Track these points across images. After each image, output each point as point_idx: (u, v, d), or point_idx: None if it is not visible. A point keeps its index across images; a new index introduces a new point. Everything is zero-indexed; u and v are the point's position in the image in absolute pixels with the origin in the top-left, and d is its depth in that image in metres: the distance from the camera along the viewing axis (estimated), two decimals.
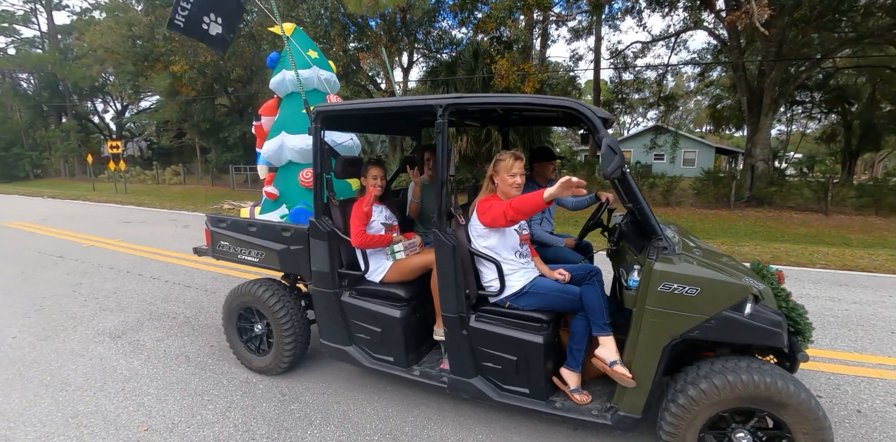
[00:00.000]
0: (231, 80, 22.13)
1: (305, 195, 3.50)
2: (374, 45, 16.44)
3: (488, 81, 13.53)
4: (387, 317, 2.53)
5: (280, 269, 2.89)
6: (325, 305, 2.70)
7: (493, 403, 2.31)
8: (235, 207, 12.90)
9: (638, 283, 1.97)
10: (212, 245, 3.19)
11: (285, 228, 2.81)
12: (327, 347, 2.79)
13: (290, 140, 3.51)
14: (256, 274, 5.52)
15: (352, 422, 2.53)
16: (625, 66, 19.33)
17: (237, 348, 3.13)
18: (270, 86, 3.73)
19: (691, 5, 13.81)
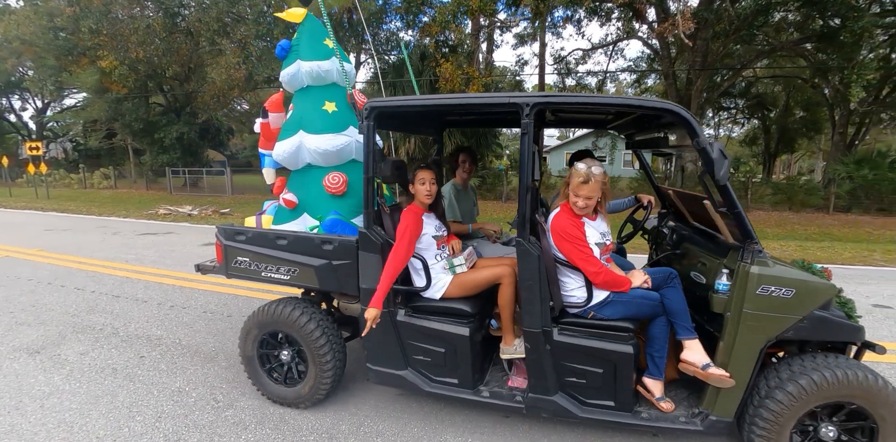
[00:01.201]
0: (167, 78, 20.96)
1: (332, 203, 3.03)
2: None
3: (434, 84, 13.69)
4: (453, 336, 2.32)
5: (318, 287, 2.56)
6: (377, 327, 2.38)
7: (577, 419, 2.23)
8: (172, 212, 12.27)
9: (728, 287, 2.00)
10: (225, 262, 2.77)
11: (326, 240, 2.49)
12: (376, 373, 2.51)
13: (310, 140, 3.00)
14: (213, 284, 5.34)
15: (288, 424, 2.55)
16: (567, 72, 20.13)
17: (259, 379, 2.75)
18: (282, 78, 3.24)
19: (624, 16, 14.63)
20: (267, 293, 4.88)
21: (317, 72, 3.06)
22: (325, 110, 3.09)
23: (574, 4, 10.68)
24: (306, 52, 3.09)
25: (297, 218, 3.06)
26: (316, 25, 3.23)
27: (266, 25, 15.03)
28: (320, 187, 3.01)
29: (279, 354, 2.71)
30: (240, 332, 2.78)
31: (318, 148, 2.99)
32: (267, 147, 3.38)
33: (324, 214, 2.92)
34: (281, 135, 3.17)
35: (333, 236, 2.51)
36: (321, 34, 3.19)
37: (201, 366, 3.26)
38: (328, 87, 3.15)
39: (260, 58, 15.11)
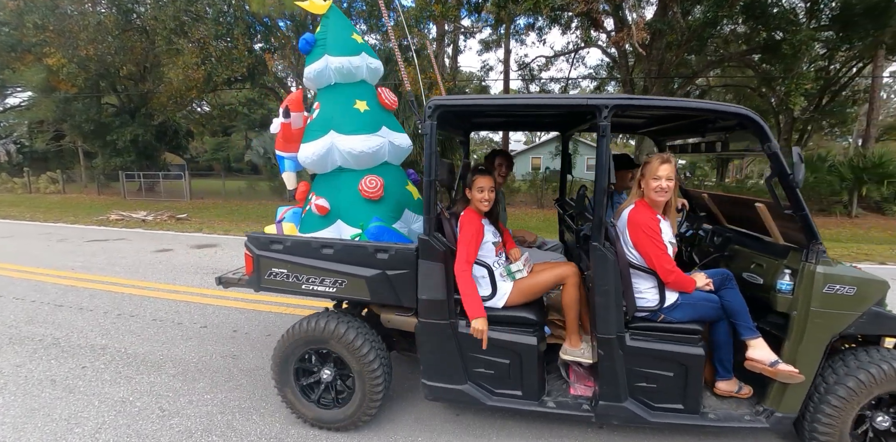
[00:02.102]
0: (120, 77, 20.10)
1: (368, 208, 2.81)
2: (282, 47, 15.92)
3: (398, 88, 13.71)
4: (520, 345, 2.24)
5: (370, 299, 2.38)
6: (437, 340, 2.30)
7: (648, 425, 2.22)
8: (125, 218, 11.77)
9: (792, 286, 2.08)
10: (256, 273, 2.52)
11: (381, 248, 2.32)
12: (433, 389, 2.37)
13: (343, 142, 2.77)
14: (164, 291, 5.16)
15: (235, 430, 2.51)
16: (531, 78, 20.57)
17: (296, 402, 2.54)
18: (306, 74, 2.96)
19: (583, 25, 15.11)
20: (221, 300, 4.78)
21: (347, 68, 2.85)
22: (357, 109, 2.88)
23: (534, 13, 10.95)
24: (335, 47, 2.86)
25: (331, 225, 2.82)
26: (342, 19, 3.03)
27: (226, 25, 14.68)
28: (355, 192, 2.80)
29: (318, 373, 2.53)
30: (274, 351, 2.55)
31: (353, 150, 2.77)
32: (287, 149, 3.14)
33: (363, 221, 2.72)
34: (307, 136, 2.93)
35: (389, 244, 2.35)
36: (348, 28, 3.00)
37: (147, 375, 3.16)
38: (358, 84, 2.94)
39: (220, 58, 14.72)
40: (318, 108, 2.96)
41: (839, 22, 13.24)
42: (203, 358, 3.42)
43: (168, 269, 6.19)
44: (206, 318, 4.27)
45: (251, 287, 2.61)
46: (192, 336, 3.83)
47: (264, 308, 4.52)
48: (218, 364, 3.32)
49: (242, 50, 14.62)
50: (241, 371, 3.21)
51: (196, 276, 5.78)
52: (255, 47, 16.04)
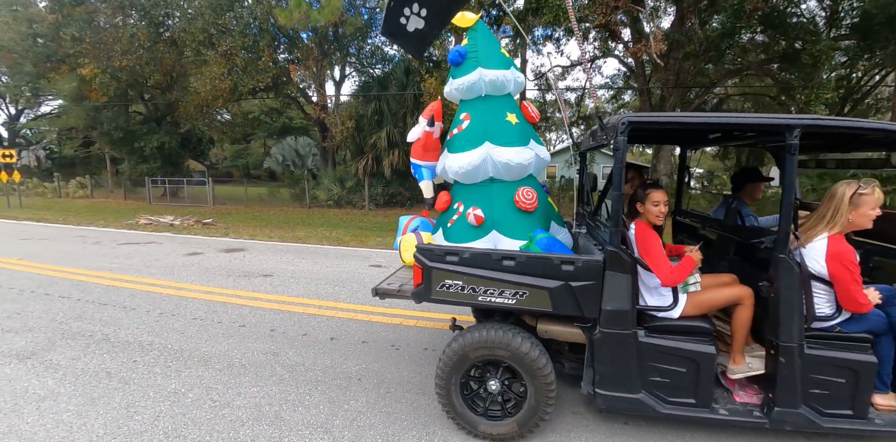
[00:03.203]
0: (148, 87, 20.84)
1: (522, 219, 2.86)
2: (305, 58, 16.38)
3: (418, 98, 14.00)
4: (699, 354, 2.30)
5: (552, 310, 2.38)
6: (618, 350, 2.33)
7: (821, 430, 2.28)
8: (153, 222, 12.16)
9: None
10: (426, 285, 2.49)
11: (567, 260, 2.33)
12: (606, 398, 2.39)
13: (499, 153, 2.82)
14: (200, 292, 5.40)
15: (283, 420, 2.68)
16: (548, 88, 20.74)
17: (459, 409, 2.55)
18: (456, 85, 3.00)
19: (601, 36, 15.27)
20: (255, 301, 4.98)
21: (501, 81, 2.93)
22: (509, 122, 2.96)
23: (554, 25, 11.15)
24: (488, 60, 2.94)
25: (486, 235, 2.85)
26: (489, 33, 3.09)
27: (252, 37, 15.17)
28: (509, 203, 2.85)
29: (486, 385, 2.54)
30: (440, 362, 2.54)
31: (510, 161, 2.82)
32: (426, 158, 3.15)
33: (519, 232, 2.80)
34: (457, 146, 2.96)
35: (575, 256, 2.38)
36: (496, 42, 3.07)
37: (195, 369, 3.35)
38: (506, 97, 3.04)
39: (245, 69, 15.21)
40: (466, 119, 2.99)
41: (860, 31, 13.19)
42: (245, 354, 3.61)
43: (201, 271, 6.43)
44: (244, 317, 4.47)
45: (416, 298, 2.58)
46: (232, 334, 4.02)
47: (297, 309, 4.70)
48: (260, 360, 3.50)
49: (267, 61, 15.10)
50: (283, 367, 3.39)
51: (228, 278, 6.01)
52: (279, 58, 16.53)
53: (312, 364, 3.44)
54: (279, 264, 6.88)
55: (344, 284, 5.76)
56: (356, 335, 4.02)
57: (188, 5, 16.14)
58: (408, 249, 3.03)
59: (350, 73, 20.99)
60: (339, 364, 3.44)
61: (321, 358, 3.55)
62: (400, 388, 3.10)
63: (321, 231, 10.60)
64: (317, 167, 21.57)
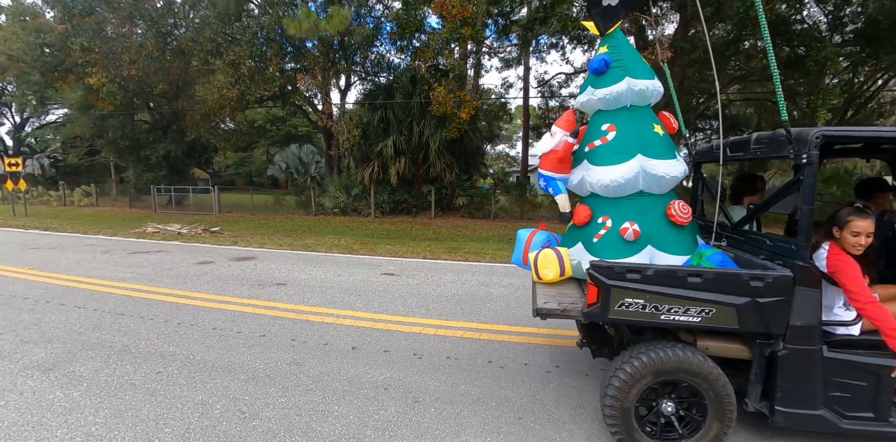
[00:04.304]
0: (154, 96, 21.00)
1: (678, 235, 2.78)
2: (311, 67, 16.52)
3: (426, 106, 14.08)
4: (881, 368, 2.30)
5: (738, 327, 2.32)
6: (804, 366, 2.32)
7: None
8: (161, 231, 12.18)
9: None
10: (603, 304, 2.38)
11: (757, 276, 2.28)
12: (787, 416, 2.37)
13: (654, 166, 2.73)
14: (216, 301, 5.40)
15: (315, 431, 2.66)
16: (551, 95, 20.86)
17: (631, 432, 2.46)
18: (600, 95, 2.89)
19: None
20: (273, 310, 4.98)
21: (651, 91, 2.85)
22: (657, 133, 2.86)
23: (561, 33, 11.24)
24: (635, 70, 2.84)
25: (641, 251, 2.74)
26: (628, 41, 3.02)
27: (259, 46, 15.32)
28: (662, 216, 2.77)
29: (661, 407, 2.47)
30: (610, 382, 2.45)
31: (667, 175, 2.73)
32: (561, 170, 3.04)
33: (674, 247, 2.74)
34: (604, 159, 2.84)
35: (765, 272, 2.31)
36: (635, 50, 3.01)
37: (220, 380, 3.34)
38: (648, 107, 2.95)
39: (252, 78, 15.34)
40: (612, 131, 2.87)
41: (864, 37, 13.27)
42: (269, 365, 3.60)
43: (214, 280, 6.43)
44: (263, 327, 4.46)
45: (589, 318, 2.47)
46: (253, 344, 4.01)
47: (316, 319, 4.70)
48: (284, 370, 3.49)
49: (274, 70, 15.23)
50: (308, 377, 3.37)
51: (243, 287, 6.01)
52: (286, 67, 16.67)
53: (337, 374, 3.43)
54: (291, 273, 6.88)
55: (359, 292, 5.75)
56: (377, 344, 4.01)
57: (196, 15, 16.35)
58: (547, 266, 2.92)
59: (356, 81, 21.15)
60: (363, 374, 3.43)
61: (345, 368, 3.54)
62: (427, 397, 3.09)
63: (329, 239, 10.62)
64: (321, 175, 21.63)
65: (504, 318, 4.78)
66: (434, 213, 15.65)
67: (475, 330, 4.40)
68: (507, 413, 2.90)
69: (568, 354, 3.85)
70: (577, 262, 2.93)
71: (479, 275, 6.90)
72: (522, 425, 2.76)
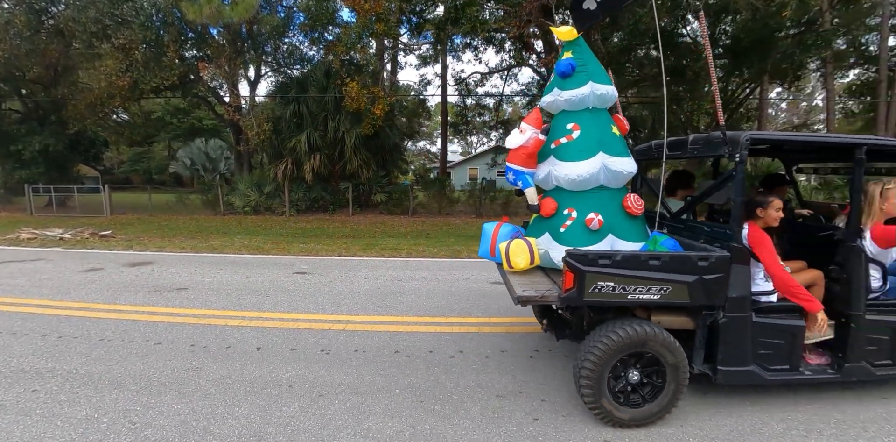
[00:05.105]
0: (26, 82, 18.36)
1: (634, 224, 3.13)
2: (216, 56, 15.47)
3: (340, 101, 13.84)
4: (794, 327, 2.80)
5: (689, 302, 2.66)
6: (739, 330, 2.73)
7: (875, 378, 2.90)
8: (38, 236, 10.80)
9: None
10: (578, 288, 2.61)
11: (703, 257, 2.63)
12: (726, 373, 2.78)
13: (614, 163, 3.05)
14: (104, 311, 4.97)
15: (213, 433, 2.63)
16: (468, 93, 21.43)
17: (609, 406, 2.71)
18: (566, 97, 3.12)
19: (515, 47, 16.14)
20: (171, 316, 4.73)
21: (610, 95, 3.14)
22: (615, 133, 3.18)
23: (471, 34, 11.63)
24: (598, 75, 3.12)
25: (603, 239, 3.04)
26: (589, 49, 3.24)
27: (154, 31, 14.06)
28: (619, 208, 3.10)
29: (628, 376, 2.75)
30: (585, 359, 2.68)
31: (624, 171, 3.07)
32: (529, 165, 3.27)
33: (630, 235, 3.07)
34: (570, 155, 3.10)
35: (708, 253, 2.67)
36: (597, 59, 3.24)
37: (108, 393, 3.14)
38: (606, 111, 3.23)
39: (147, 65, 14.04)
40: (576, 130, 3.12)
41: (731, 52, 15.24)
42: (164, 372, 3.44)
43: (102, 288, 5.91)
44: (159, 334, 4.22)
45: (566, 302, 2.73)
46: (147, 353, 3.80)
47: (219, 322, 4.54)
48: (182, 377, 3.36)
49: (173, 57, 14.07)
50: (208, 381, 3.29)
51: (137, 294, 5.59)
52: (186, 55, 15.46)
53: (239, 376, 3.38)
54: (194, 276, 6.51)
55: (267, 293, 5.62)
56: (284, 344, 3.99)
57: None
58: (519, 255, 3.12)
59: (266, 73, 20.15)
60: (267, 374, 3.42)
61: (249, 369, 3.49)
62: (332, 390, 3.16)
63: (239, 239, 10.13)
64: (231, 172, 20.40)
65: (415, 310, 4.96)
66: (352, 210, 15.46)
67: (385, 323, 4.53)
68: (410, 398, 3.07)
69: (472, 340, 4.11)
70: (545, 251, 3.18)
71: (393, 270, 7.03)
72: (423, 408, 2.95)
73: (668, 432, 2.71)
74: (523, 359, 3.72)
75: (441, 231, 12.32)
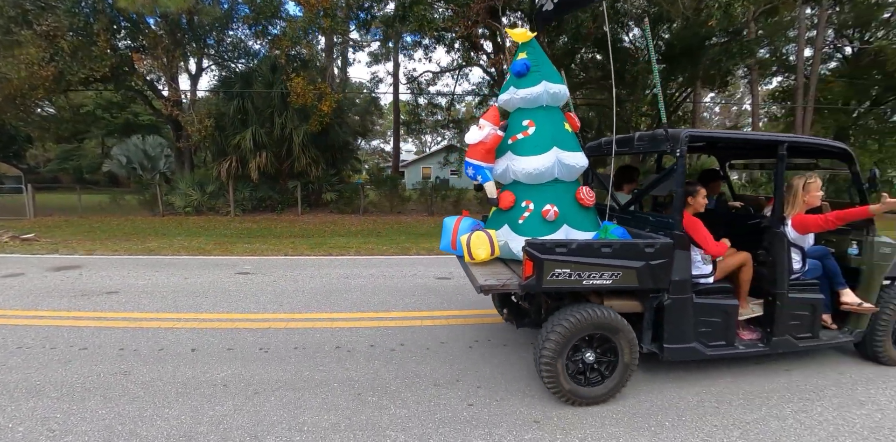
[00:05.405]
0: None
1: (586, 215, 3.34)
2: (152, 47, 14.65)
3: (286, 97, 13.50)
4: (729, 306, 3.10)
5: (638, 285, 2.87)
6: (681, 310, 2.97)
7: (798, 349, 3.29)
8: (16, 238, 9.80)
9: (859, 251, 3.41)
10: (538, 276, 2.74)
11: (649, 244, 2.85)
12: (672, 351, 3.02)
13: (567, 157, 3.24)
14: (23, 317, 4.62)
15: (140, 436, 2.56)
16: (420, 92, 21.48)
17: (565, 386, 2.89)
18: (521, 95, 3.31)
19: (464, 47, 16.37)
20: (99, 321, 4.50)
21: (562, 94, 3.33)
22: (567, 130, 3.39)
23: (419, 32, 11.69)
24: (550, 75, 3.31)
25: (558, 229, 3.22)
26: (543, 51, 3.43)
27: (83, 18, 13.12)
28: (573, 200, 3.30)
29: (585, 357, 2.94)
30: (544, 344, 2.84)
31: (577, 164, 3.27)
32: (489, 160, 3.42)
33: (584, 225, 3.27)
34: (526, 150, 3.28)
35: (653, 240, 2.89)
36: (549, 59, 3.42)
37: (25, 402, 2.97)
38: (559, 108, 3.42)
39: (74, 54, 13.07)
40: (532, 126, 3.32)
41: (667, 58, 16.19)
42: (89, 378, 3.29)
43: (22, 294, 5.50)
44: (85, 340, 4.01)
45: (526, 290, 2.85)
46: (71, 358, 3.61)
47: (152, 325, 4.36)
48: (108, 381, 3.23)
49: (104, 47, 13.19)
50: (137, 384, 3.18)
51: (62, 299, 5.25)
52: (119, 45, 14.55)
53: (171, 378, 3.29)
54: (127, 280, 6.19)
55: (206, 294, 5.44)
56: (221, 344, 3.90)
57: None
58: (479, 246, 3.24)
59: (209, 66, 19.30)
60: (201, 374, 3.34)
61: (182, 370, 3.40)
62: (269, 387, 3.15)
63: (178, 241, 9.68)
64: (171, 170, 19.39)
65: (359, 306, 4.98)
66: (301, 209, 15.11)
67: (328, 320, 4.53)
68: (348, 391, 3.11)
69: (414, 333, 4.19)
70: (504, 242, 3.32)
71: (341, 268, 6.99)
72: (360, 400, 3.00)
73: (594, 411, 2.91)
74: (463, 349, 3.85)
75: (392, 229, 12.31)
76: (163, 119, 17.76)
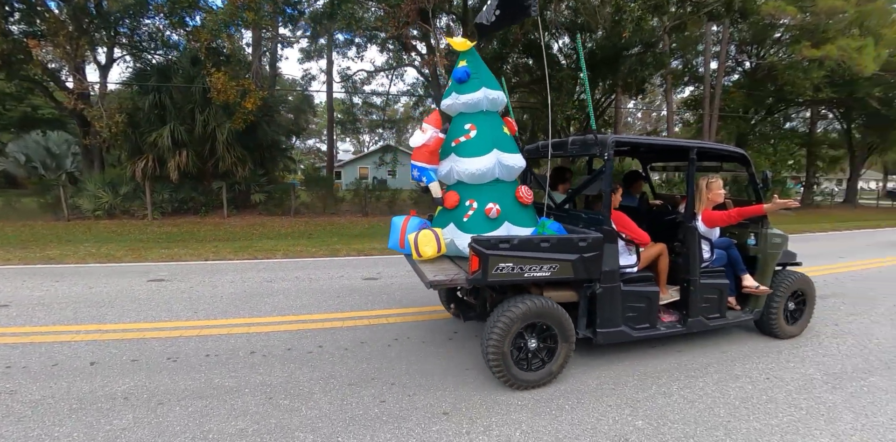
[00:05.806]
0: None
1: (526, 212, 3.59)
2: (53, 33, 13.30)
3: (207, 92, 12.82)
4: (651, 293, 3.45)
5: (573, 276, 3.11)
6: (611, 298, 3.25)
7: (709, 328, 3.75)
8: None
9: (756, 241, 3.98)
10: (483, 270, 2.91)
11: (582, 239, 3.11)
12: (604, 335, 3.31)
13: (507, 159, 3.49)
14: None
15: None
16: (354, 91, 21.20)
17: (510, 371, 3.11)
18: (462, 100, 3.53)
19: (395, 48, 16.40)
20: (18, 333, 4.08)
21: (501, 100, 3.60)
22: (506, 133, 3.62)
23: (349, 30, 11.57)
24: (489, 82, 3.56)
25: (500, 226, 3.44)
26: (481, 59, 3.67)
27: None
28: (513, 198, 3.53)
29: (524, 344, 3.17)
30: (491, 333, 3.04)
31: (515, 165, 3.52)
32: (433, 162, 3.61)
33: (524, 222, 3.51)
34: (468, 152, 3.48)
35: (586, 235, 3.16)
36: (487, 67, 3.68)
37: None
38: (497, 113, 3.65)
39: None
40: (473, 129, 3.53)
41: (589, 66, 17.17)
42: None
43: None
44: None
45: (473, 283, 3.01)
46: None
47: (45, 339, 4.04)
48: None
49: None
50: (24, 404, 2.94)
51: None
52: (12, 29, 13.09)
53: (65, 394, 3.08)
54: (19, 291, 5.64)
55: (112, 304, 5.10)
56: (124, 355, 3.70)
57: None
58: (427, 244, 3.40)
59: (122, 56, 17.80)
60: (100, 388, 3.16)
61: (77, 386, 3.20)
62: (175, 397, 3.04)
63: (85, 248, 8.91)
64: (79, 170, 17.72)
65: (280, 310, 4.90)
66: (227, 211, 14.40)
67: (244, 325, 4.42)
68: (259, 396, 3.08)
69: (333, 335, 4.21)
70: (450, 240, 3.51)
71: (265, 272, 6.80)
72: (272, 403, 2.99)
73: (501, 399, 3.09)
74: (381, 348, 3.93)
75: (324, 231, 12.10)
76: (67, 113, 16.15)
